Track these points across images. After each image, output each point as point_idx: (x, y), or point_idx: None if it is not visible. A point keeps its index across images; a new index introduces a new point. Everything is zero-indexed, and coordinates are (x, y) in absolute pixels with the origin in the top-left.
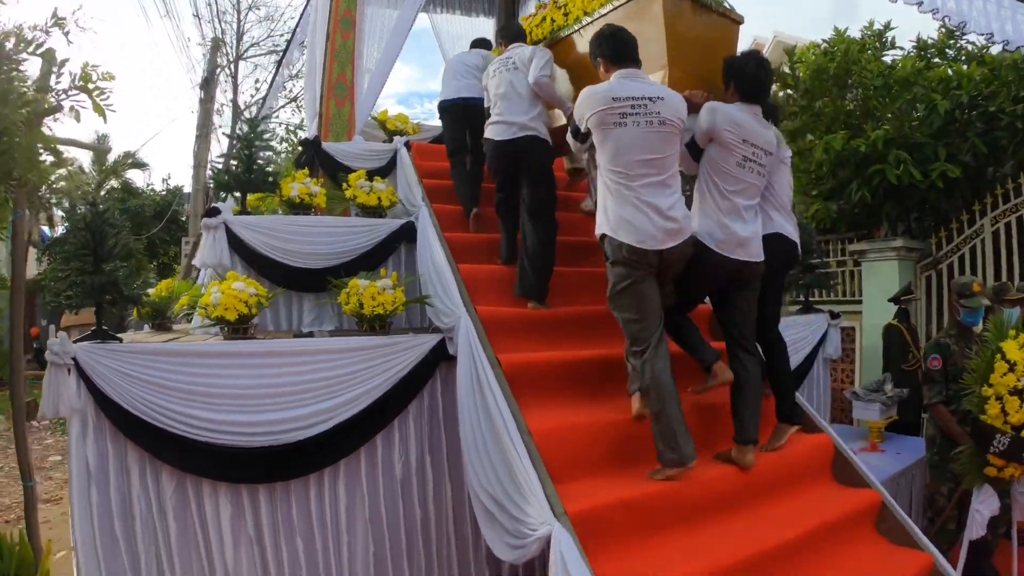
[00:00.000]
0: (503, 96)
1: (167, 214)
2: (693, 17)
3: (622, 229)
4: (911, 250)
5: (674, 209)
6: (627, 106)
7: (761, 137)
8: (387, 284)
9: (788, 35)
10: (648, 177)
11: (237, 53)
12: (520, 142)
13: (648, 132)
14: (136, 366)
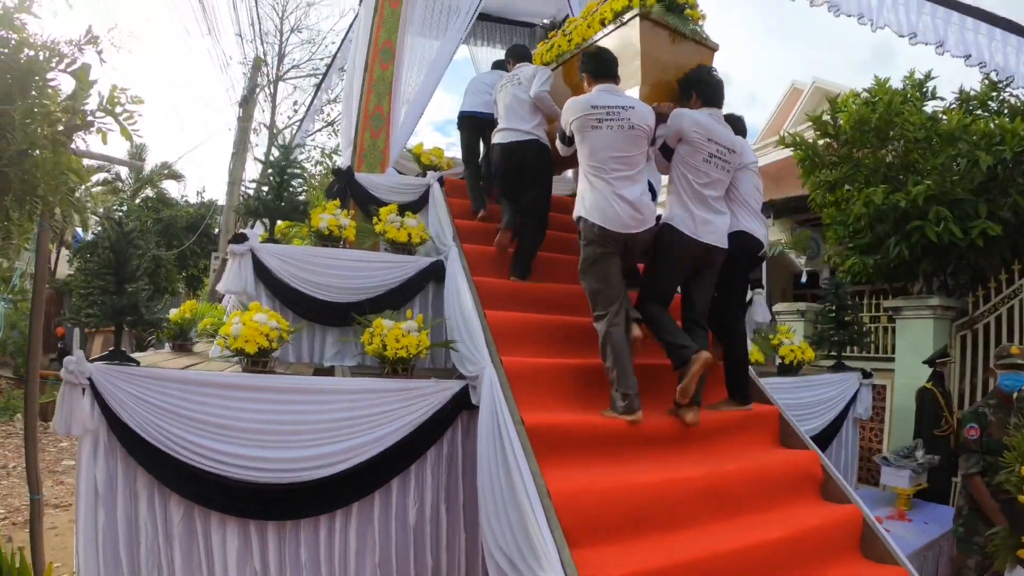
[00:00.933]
0: (508, 107)
1: (200, 227)
2: (670, 44)
3: (595, 213)
4: (947, 308)
5: (640, 200)
6: (603, 112)
7: (724, 137)
8: (412, 326)
9: (827, 81)
10: (619, 172)
11: (277, 74)
12: (522, 145)
13: (619, 135)
14: (151, 391)
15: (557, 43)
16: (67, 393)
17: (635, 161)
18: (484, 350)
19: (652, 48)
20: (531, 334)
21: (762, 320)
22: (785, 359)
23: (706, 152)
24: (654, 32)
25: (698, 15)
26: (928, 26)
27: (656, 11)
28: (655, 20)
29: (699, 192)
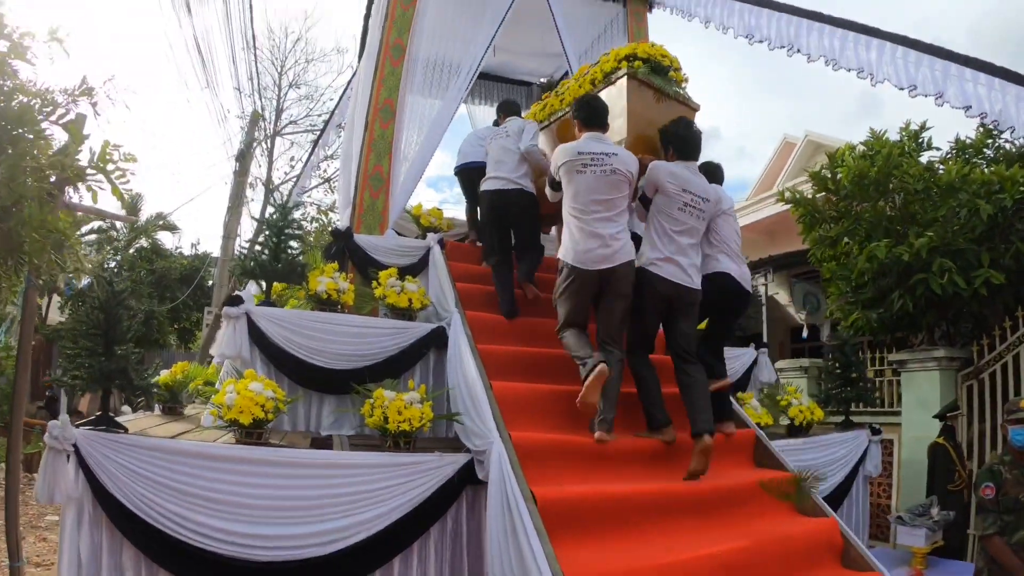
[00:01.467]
0: (496, 158)
1: (194, 280)
2: (655, 103)
3: (570, 254)
4: (952, 359)
5: (615, 237)
6: (588, 158)
7: (698, 187)
8: (414, 397)
9: (819, 134)
10: (598, 213)
11: (274, 129)
12: (508, 193)
13: (602, 179)
14: (139, 461)
15: (550, 103)
16: (51, 459)
17: (614, 204)
18: (491, 423)
19: (638, 106)
20: (539, 406)
21: (768, 379)
22: (795, 420)
23: (680, 202)
24: (640, 91)
25: (681, 77)
26: (927, 78)
27: (642, 72)
28: (641, 80)
29: (673, 238)
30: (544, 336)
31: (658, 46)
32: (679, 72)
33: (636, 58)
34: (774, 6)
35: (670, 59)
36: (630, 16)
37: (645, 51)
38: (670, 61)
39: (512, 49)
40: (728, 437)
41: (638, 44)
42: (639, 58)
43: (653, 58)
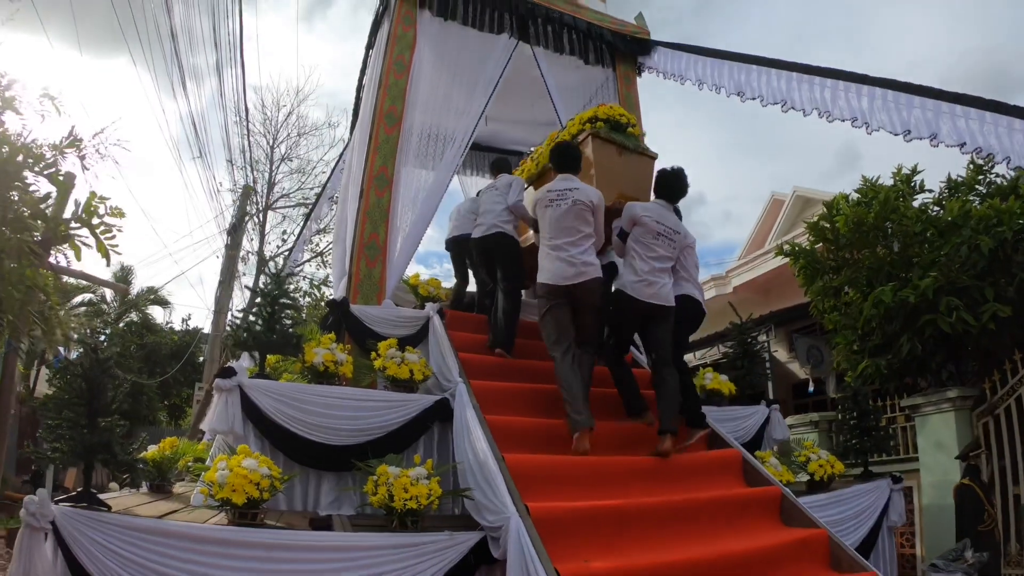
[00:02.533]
0: (485, 209)
1: (184, 355)
2: (617, 156)
3: (543, 275)
4: (965, 398)
5: (581, 256)
6: (555, 195)
7: (670, 220)
8: (421, 473)
9: (807, 188)
10: (565, 239)
11: (266, 203)
12: (492, 236)
13: (566, 210)
14: (123, 542)
15: (526, 167)
16: (27, 537)
17: (578, 230)
18: (506, 497)
19: (603, 159)
20: (555, 474)
21: (781, 436)
22: (815, 475)
23: (655, 231)
24: (604, 148)
25: (638, 132)
26: (920, 120)
27: (604, 131)
28: (604, 138)
29: (649, 263)
30: (554, 405)
31: (616, 107)
32: (636, 128)
33: (598, 119)
34: (763, 61)
35: (627, 117)
36: (620, 80)
37: (605, 112)
38: (627, 119)
39: (503, 118)
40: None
41: (599, 107)
42: (600, 119)
43: (612, 117)
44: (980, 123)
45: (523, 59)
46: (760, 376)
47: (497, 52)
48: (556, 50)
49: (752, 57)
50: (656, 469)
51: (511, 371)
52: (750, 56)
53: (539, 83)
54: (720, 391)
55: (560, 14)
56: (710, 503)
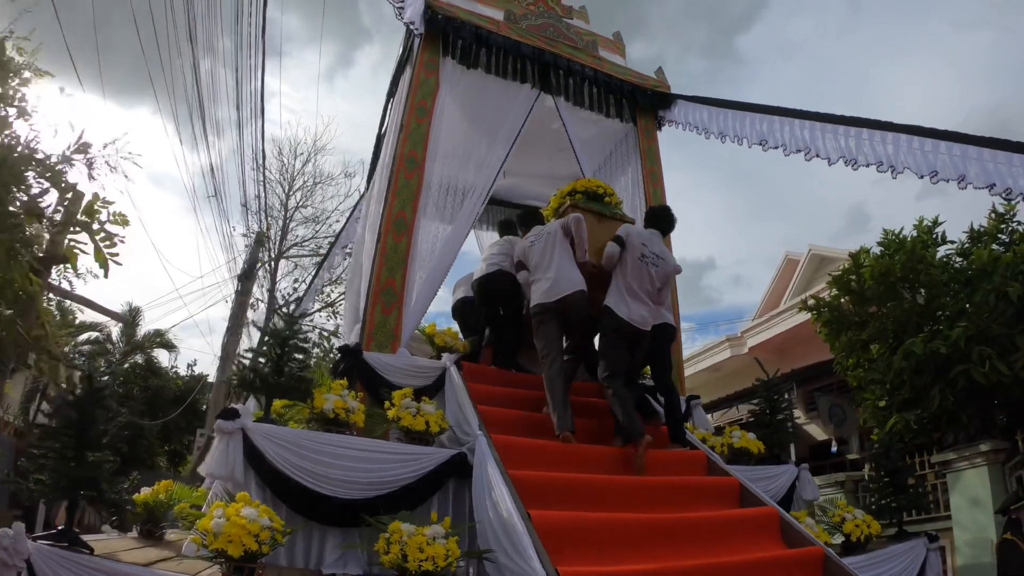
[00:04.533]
0: (489, 254)
1: (187, 400)
2: (596, 223)
3: (535, 297)
4: (997, 451)
5: (561, 273)
6: (534, 237)
7: (656, 245)
8: (438, 532)
9: (822, 247)
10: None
11: (279, 250)
12: (490, 275)
13: (544, 247)
14: None
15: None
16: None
17: (554, 256)
18: (535, 561)
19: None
20: (585, 536)
21: (811, 496)
22: (851, 536)
23: (639, 253)
24: (583, 217)
25: (616, 200)
26: (947, 163)
27: (582, 202)
28: (583, 208)
29: (631, 285)
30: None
31: (593, 179)
32: (613, 196)
33: (576, 192)
34: (786, 112)
35: (603, 187)
36: (641, 133)
37: (583, 185)
38: (604, 189)
39: (521, 172)
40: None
41: (577, 181)
42: (579, 191)
43: (590, 189)
44: (1008, 166)
45: (543, 112)
46: (786, 434)
47: (519, 103)
48: (576, 103)
49: (774, 108)
50: (692, 527)
51: (534, 425)
52: (772, 107)
53: (558, 136)
54: (748, 449)
55: (581, 67)
56: (752, 565)
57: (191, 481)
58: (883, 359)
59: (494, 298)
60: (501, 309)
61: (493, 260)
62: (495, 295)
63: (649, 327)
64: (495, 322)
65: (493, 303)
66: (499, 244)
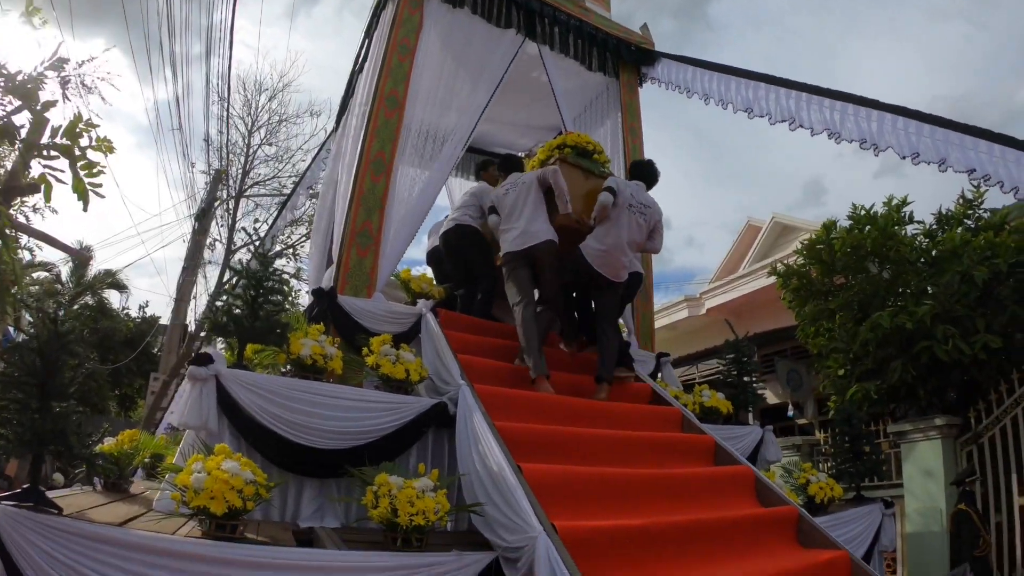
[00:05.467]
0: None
1: (140, 344)
2: (583, 180)
3: (504, 245)
4: (951, 426)
5: (531, 224)
6: (507, 187)
7: (644, 196)
8: (427, 485)
9: (785, 215)
10: (517, 215)
11: (240, 189)
12: (449, 231)
13: (518, 195)
14: (75, 553)
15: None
16: None
17: (529, 206)
18: (529, 514)
19: (569, 182)
20: (573, 489)
21: (774, 457)
22: (816, 497)
23: (627, 203)
24: (571, 172)
25: (604, 158)
26: (929, 146)
27: (571, 157)
28: (571, 163)
29: (619, 236)
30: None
31: (583, 135)
32: (602, 154)
33: (566, 146)
34: (773, 80)
35: (593, 144)
36: (623, 87)
37: (573, 140)
38: (593, 146)
39: (496, 119)
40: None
41: (567, 135)
42: (568, 146)
43: (579, 145)
44: (989, 155)
45: (524, 60)
46: (753, 396)
47: (503, 48)
48: (561, 52)
49: (762, 75)
50: (674, 483)
51: (511, 375)
52: (760, 74)
53: (537, 85)
54: (718, 409)
55: (568, 16)
56: (733, 522)
57: (146, 426)
58: (847, 329)
59: (458, 253)
60: (468, 263)
61: (455, 215)
62: (458, 250)
63: (623, 278)
64: (463, 277)
65: (457, 258)
66: (466, 195)
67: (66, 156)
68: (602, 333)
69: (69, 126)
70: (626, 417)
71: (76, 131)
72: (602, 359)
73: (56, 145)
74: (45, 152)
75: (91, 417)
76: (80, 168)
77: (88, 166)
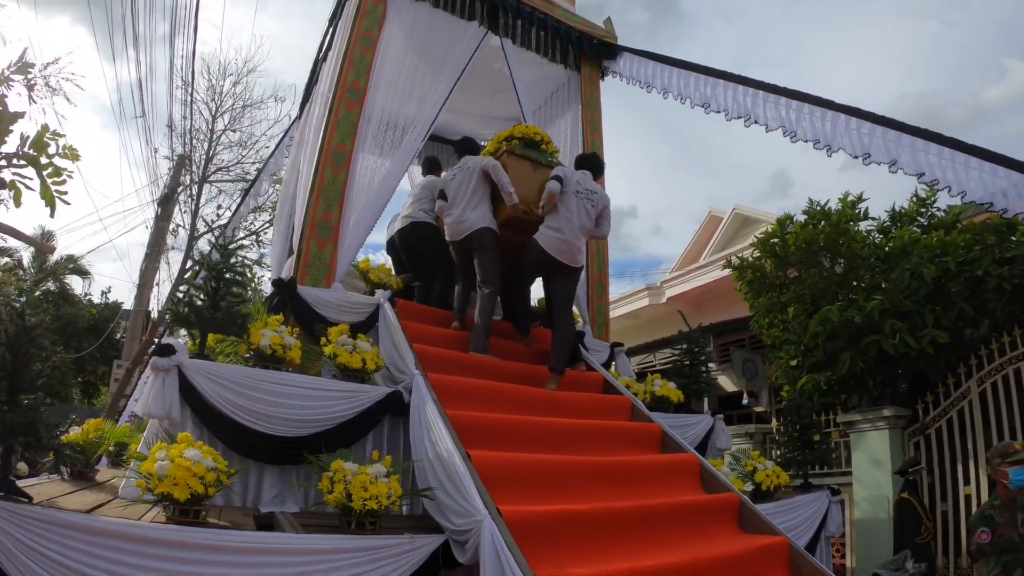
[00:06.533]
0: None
1: (102, 330)
2: (532, 171)
3: (445, 233)
4: (899, 417)
5: (467, 211)
6: (455, 171)
7: (588, 183)
8: (380, 471)
9: (746, 207)
10: (459, 201)
11: (203, 174)
12: (405, 229)
13: (461, 181)
14: (48, 540)
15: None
16: None
17: (467, 192)
18: (476, 499)
19: (517, 173)
20: (520, 476)
21: (724, 445)
22: (762, 484)
23: (574, 190)
24: (518, 163)
25: (553, 148)
26: (880, 147)
27: (519, 148)
28: (519, 154)
29: (569, 221)
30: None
31: (532, 126)
32: (550, 144)
33: (514, 138)
34: (731, 77)
35: (541, 135)
36: (584, 81)
37: (521, 131)
38: (541, 137)
39: (459, 110)
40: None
41: (516, 127)
42: (516, 138)
43: (527, 136)
44: (939, 157)
45: (487, 51)
46: (705, 385)
47: (465, 40)
48: (523, 44)
49: (720, 72)
50: (620, 471)
51: (467, 365)
52: (718, 71)
53: (499, 77)
54: (669, 398)
55: (531, 9)
56: (675, 508)
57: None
58: (799, 322)
59: (414, 249)
60: (423, 258)
61: (409, 211)
62: (415, 247)
63: (580, 263)
64: (419, 269)
65: (413, 253)
66: (418, 188)
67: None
68: (557, 323)
69: (36, 137)
70: (577, 406)
71: (43, 141)
72: (555, 349)
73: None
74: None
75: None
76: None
77: (55, 173)
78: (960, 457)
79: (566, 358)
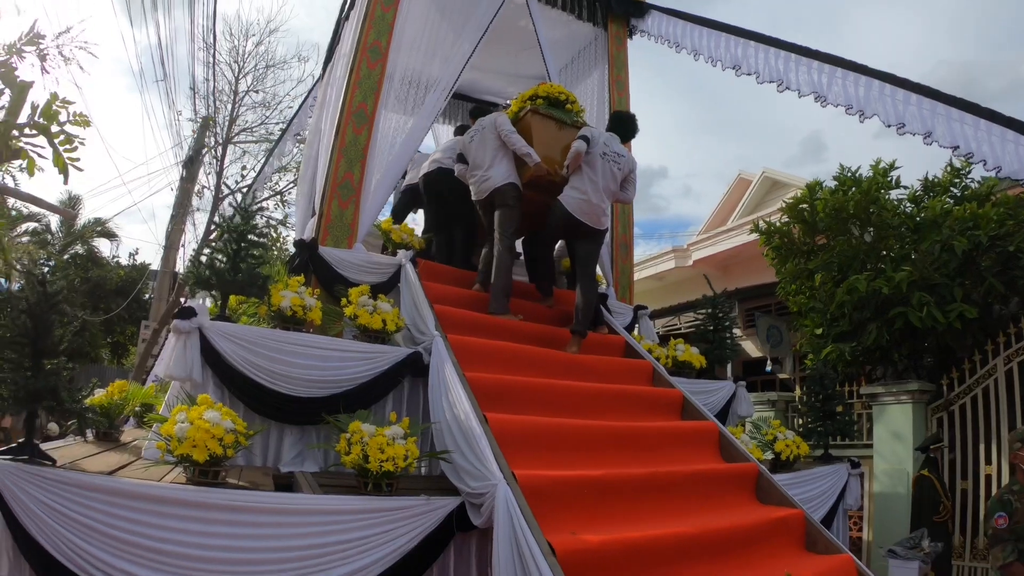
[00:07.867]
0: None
1: (130, 292)
2: (557, 131)
3: (472, 193)
4: (923, 392)
5: (490, 170)
6: (473, 132)
7: (616, 146)
8: (397, 432)
9: (776, 171)
10: (481, 161)
11: (227, 136)
12: (430, 174)
13: (481, 142)
14: (69, 502)
15: None
16: None
17: (489, 153)
18: (491, 463)
19: (543, 135)
20: (538, 440)
21: (746, 413)
22: (782, 454)
23: (601, 152)
24: (543, 123)
25: (578, 108)
26: (915, 116)
27: (543, 107)
28: (543, 114)
29: (595, 183)
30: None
31: (557, 85)
32: (575, 104)
33: (538, 97)
34: (763, 39)
35: (566, 95)
36: (611, 39)
37: (545, 90)
38: (566, 96)
39: (484, 67)
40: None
41: (540, 85)
42: (540, 96)
43: (552, 95)
44: (975, 129)
45: (511, 8)
46: (728, 351)
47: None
48: (548, 2)
49: (751, 33)
50: (638, 436)
51: (488, 327)
52: (749, 32)
53: (524, 34)
54: (691, 363)
55: None
56: (690, 476)
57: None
58: (825, 290)
59: (438, 196)
60: (447, 206)
61: (437, 155)
62: (438, 193)
63: (604, 225)
64: (440, 220)
65: (436, 200)
66: (451, 140)
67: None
68: (580, 285)
69: (46, 107)
70: (597, 370)
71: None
72: (577, 312)
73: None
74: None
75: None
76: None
77: (67, 140)
78: (983, 436)
79: (588, 321)
